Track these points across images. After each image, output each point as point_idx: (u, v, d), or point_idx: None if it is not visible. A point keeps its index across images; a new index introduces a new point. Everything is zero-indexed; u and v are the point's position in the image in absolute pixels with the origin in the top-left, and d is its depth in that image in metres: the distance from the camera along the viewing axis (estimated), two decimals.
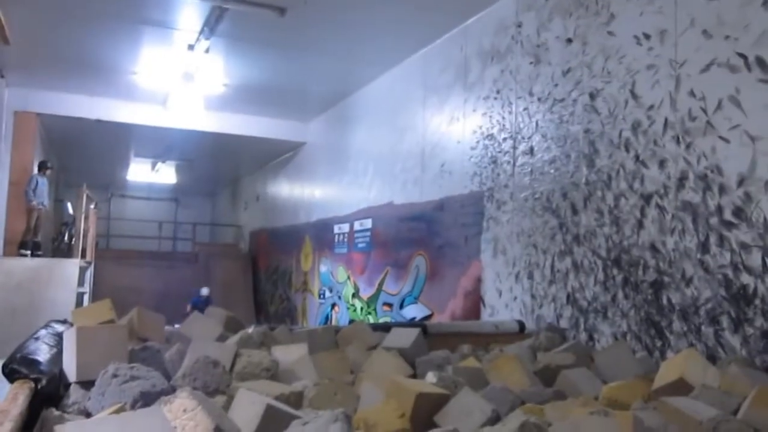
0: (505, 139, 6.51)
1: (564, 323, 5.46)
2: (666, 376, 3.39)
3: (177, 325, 4.21)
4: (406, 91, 8.79)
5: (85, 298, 11.07)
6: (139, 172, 18.69)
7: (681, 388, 3.23)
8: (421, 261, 8.00)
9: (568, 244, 5.52)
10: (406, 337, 4.26)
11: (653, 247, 4.67)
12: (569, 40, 5.70)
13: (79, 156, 15.85)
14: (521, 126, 6.27)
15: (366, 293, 9.54)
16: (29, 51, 9.03)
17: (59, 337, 3.33)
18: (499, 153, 6.57)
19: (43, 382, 2.81)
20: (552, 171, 5.79)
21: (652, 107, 4.76)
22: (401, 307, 8.36)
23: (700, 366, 3.37)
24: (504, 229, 6.40)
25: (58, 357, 3.14)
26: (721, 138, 4.21)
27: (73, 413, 2.79)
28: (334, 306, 10.90)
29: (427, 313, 7.70)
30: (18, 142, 11.14)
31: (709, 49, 4.32)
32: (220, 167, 18.53)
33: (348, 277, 10.26)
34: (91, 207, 12.58)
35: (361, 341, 4.41)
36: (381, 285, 9.02)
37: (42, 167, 11.16)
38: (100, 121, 11.59)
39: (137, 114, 11.72)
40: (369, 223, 9.68)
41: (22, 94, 10.94)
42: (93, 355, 3.03)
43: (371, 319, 9.09)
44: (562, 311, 5.51)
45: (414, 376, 3.83)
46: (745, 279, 3.98)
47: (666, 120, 4.63)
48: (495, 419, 2.82)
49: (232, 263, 16.90)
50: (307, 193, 13.18)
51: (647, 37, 4.84)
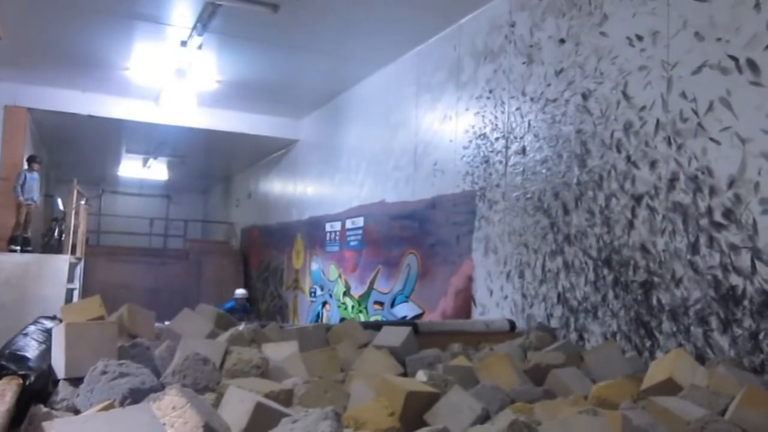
0: (497, 139, 6.52)
1: (554, 322, 5.48)
2: (655, 376, 3.41)
3: (167, 322, 4.20)
4: (399, 90, 8.79)
5: (75, 294, 11.02)
6: (131, 168, 18.63)
7: (670, 388, 3.24)
8: (412, 259, 8.00)
9: (559, 244, 5.54)
10: (397, 335, 4.27)
11: (643, 248, 4.69)
12: (562, 41, 5.72)
13: (70, 151, 15.76)
14: (513, 126, 6.28)
15: (357, 291, 9.54)
16: (20, 45, 8.96)
17: (48, 333, 3.31)
18: (492, 152, 6.58)
19: (32, 378, 2.79)
20: (544, 171, 5.81)
21: (643, 108, 4.78)
22: (392, 305, 8.36)
23: (688, 366, 3.39)
24: (495, 229, 6.41)
25: (46, 353, 3.12)
26: (711, 140, 4.23)
27: (62, 410, 2.78)
28: (325, 304, 10.88)
29: (418, 311, 7.70)
30: (8, 137, 11.08)
31: (701, 51, 4.34)
32: (212, 164, 18.49)
33: (339, 275, 10.25)
34: (82, 203, 12.51)
35: (352, 339, 4.42)
36: (372, 283, 9.02)
37: (30, 162, 11.05)
38: (91, 117, 11.52)
39: (129, 110, 11.67)
40: (361, 221, 9.67)
41: (12, 89, 10.88)
42: (82, 351, 3.02)
43: (362, 317, 9.08)
44: (553, 310, 5.53)
45: (404, 375, 3.84)
46: (734, 280, 4.01)
47: (657, 121, 4.65)
48: (485, 418, 2.83)
49: (224, 260, 16.86)
50: (299, 190, 13.15)
51: (640, 38, 4.86)
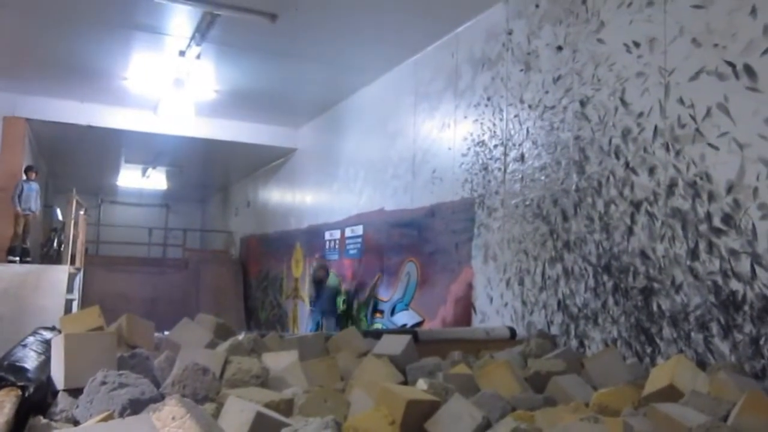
0: (495, 146, 6.53)
1: (555, 330, 5.47)
2: (656, 383, 3.40)
3: (166, 332, 4.19)
4: (397, 98, 8.80)
5: (74, 304, 10.99)
6: (130, 178, 18.63)
7: (671, 394, 3.23)
8: (412, 267, 7.99)
9: (559, 251, 5.54)
10: (397, 343, 4.25)
11: (643, 254, 4.69)
12: (559, 48, 5.74)
13: (69, 162, 15.77)
14: (512, 133, 6.29)
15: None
16: (19, 56, 8.99)
17: (47, 344, 3.31)
18: (490, 160, 6.59)
19: (31, 389, 2.78)
20: (542, 178, 5.81)
21: (641, 114, 4.79)
22: (392, 313, 8.35)
23: (689, 372, 3.38)
24: (495, 236, 6.41)
25: (45, 364, 3.11)
26: (710, 145, 4.24)
27: (61, 421, 2.77)
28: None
29: (418, 319, 7.69)
30: (6, 147, 11.08)
31: (698, 57, 4.36)
32: (211, 173, 18.49)
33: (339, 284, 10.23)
34: (81, 213, 12.51)
35: (352, 348, 4.41)
36: (372, 291, 9.01)
37: (28, 171, 11.03)
38: (90, 127, 11.54)
39: (128, 120, 11.68)
40: (360, 229, 9.67)
41: (11, 100, 10.89)
42: (81, 362, 3.01)
43: (362, 325, 9.07)
44: (553, 317, 5.52)
45: (405, 383, 3.82)
46: (734, 285, 4.00)
47: (655, 127, 4.66)
48: (486, 426, 2.82)
49: (223, 269, 16.83)
50: (298, 199, 13.15)
51: (637, 45, 4.88)
